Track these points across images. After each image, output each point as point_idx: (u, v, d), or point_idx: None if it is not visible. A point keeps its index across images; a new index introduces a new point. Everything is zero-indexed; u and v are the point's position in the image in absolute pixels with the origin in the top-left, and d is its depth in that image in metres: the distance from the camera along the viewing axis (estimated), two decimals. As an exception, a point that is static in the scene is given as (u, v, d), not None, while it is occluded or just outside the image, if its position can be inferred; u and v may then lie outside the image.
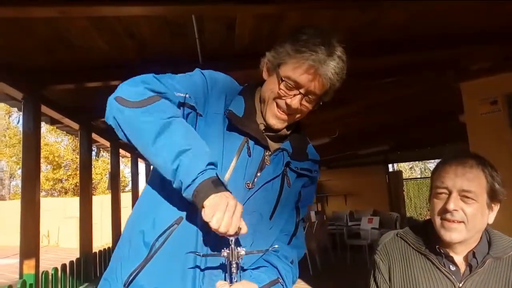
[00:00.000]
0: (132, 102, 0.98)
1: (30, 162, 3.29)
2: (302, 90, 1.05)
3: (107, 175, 12.29)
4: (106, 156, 21.63)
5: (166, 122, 0.95)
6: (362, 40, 3.26)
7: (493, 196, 1.15)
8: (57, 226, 14.99)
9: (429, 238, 1.23)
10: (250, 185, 1.06)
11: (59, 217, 14.89)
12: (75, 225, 13.40)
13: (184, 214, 1.02)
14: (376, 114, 6.24)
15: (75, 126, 4.58)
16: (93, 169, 13.69)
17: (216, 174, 0.93)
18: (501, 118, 3.83)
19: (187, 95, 1.04)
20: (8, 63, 2.99)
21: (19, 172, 23.37)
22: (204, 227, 0.97)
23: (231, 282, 0.95)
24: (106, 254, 4.19)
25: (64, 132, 5.46)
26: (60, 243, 15.09)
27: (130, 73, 3.64)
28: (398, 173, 13.02)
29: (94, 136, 5.03)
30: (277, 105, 1.08)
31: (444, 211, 1.14)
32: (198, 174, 0.91)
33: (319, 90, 1.06)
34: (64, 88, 3.52)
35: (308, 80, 1.03)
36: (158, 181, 1.08)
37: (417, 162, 24.21)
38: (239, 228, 0.93)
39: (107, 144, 5.88)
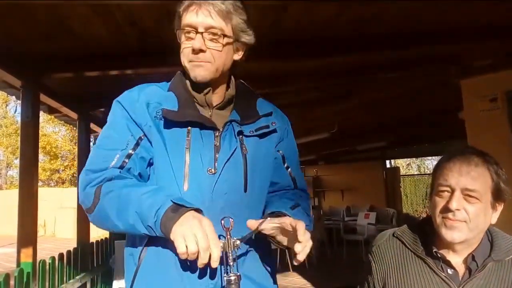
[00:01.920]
0: (89, 209, 1.05)
1: (28, 151, 3.27)
2: (199, 29, 1.05)
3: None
4: (103, 147, 21.54)
5: (116, 195, 1.00)
6: (363, 34, 3.25)
7: (497, 196, 1.11)
8: (53, 216, 14.99)
9: (427, 239, 1.19)
10: (212, 170, 1.06)
11: (55, 207, 14.89)
12: (71, 215, 13.39)
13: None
14: (375, 110, 6.24)
15: (74, 115, 4.56)
16: (90, 160, 13.60)
17: (171, 200, 0.95)
18: (501, 115, 3.84)
19: (129, 137, 1.07)
20: (7, 50, 2.96)
21: (16, 162, 23.35)
22: None
23: (228, 273, 0.93)
24: (103, 245, 4.18)
25: (62, 121, 5.43)
26: (56, 233, 15.11)
27: (130, 62, 3.60)
28: (396, 169, 13.07)
29: (93, 126, 5.00)
30: (191, 59, 1.07)
31: (446, 210, 1.09)
32: (157, 211, 0.94)
33: (216, 22, 1.05)
34: (63, 76, 3.49)
35: (197, 16, 1.04)
36: None
37: (414, 158, 24.28)
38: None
39: (105, 134, 5.86)
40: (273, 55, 3.27)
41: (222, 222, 0.98)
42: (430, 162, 25.40)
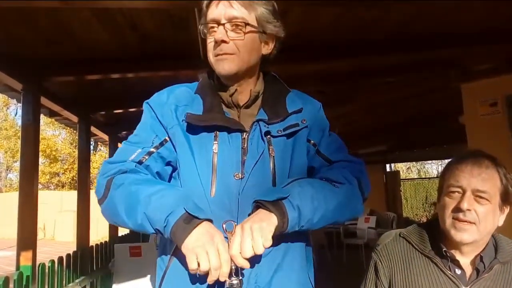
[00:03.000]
0: (100, 199, 1.03)
1: (28, 154, 3.27)
2: (221, 21, 1.03)
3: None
4: (103, 150, 21.59)
5: (126, 190, 0.98)
6: (364, 38, 3.26)
7: (505, 198, 1.13)
8: (53, 220, 14.96)
9: (434, 240, 1.20)
10: (239, 175, 1.02)
11: (55, 211, 14.88)
12: (71, 218, 13.38)
13: None
14: (375, 114, 6.26)
15: (74, 118, 4.56)
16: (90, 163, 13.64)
17: (184, 208, 0.91)
18: (501, 120, 3.85)
19: (154, 137, 1.07)
20: (9, 53, 2.97)
21: (15, 164, 23.34)
22: None
23: (230, 277, 0.90)
24: (103, 248, 4.17)
25: (63, 124, 5.44)
26: (56, 236, 15.07)
27: (131, 66, 3.61)
28: (396, 173, 13.08)
29: (93, 129, 5.01)
30: (214, 50, 1.05)
31: (456, 210, 1.11)
32: (167, 217, 0.91)
33: (238, 12, 1.02)
34: (64, 80, 3.50)
35: (220, 10, 1.03)
36: None
37: (414, 162, 24.27)
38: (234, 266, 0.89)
39: (106, 137, 5.86)
40: (274, 60, 3.28)
41: (224, 226, 0.94)
42: (430, 166, 25.42)
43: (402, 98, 5.33)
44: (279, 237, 0.96)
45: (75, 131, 5.44)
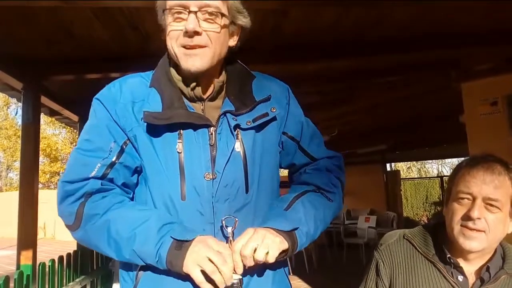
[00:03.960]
0: (70, 226, 0.95)
1: (29, 153, 3.27)
2: (192, 9, 0.90)
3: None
4: (103, 150, 21.57)
5: (104, 225, 0.90)
6: (363, 38, 3.26)
7: None
8: (53, 219, 14.95)
9: (439, 244, 1.16)
10: (210, 175, 0.94)
11: (55, 210, 14.69)
12: (71, 218, 13.37)
13: None
14: (375, 113, 6.25)
15: (75, 118, 4.56)
16: (90, 163, 13.60)
17: (171, 237, 0.87)
18: (501, 119, 3.84)
19: (112, 144, 0.96)
20: (9, 52, 2.97)
21: (15, 164, 23.36)
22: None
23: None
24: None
25: (63, 124, 5.43)
26: (56, 235, 15.09)
27: (131, 65, 3.62)
28: (396, 172, 13.07)
29: (93, 128, 5.01)
30: (183, 46, 0.92)
31: (466, 218, 1.06)
32: (157, 251, 0.87)
33: (212, 2, 0.91)
34: (64, 79, 3.50)
35: None
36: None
37: (414, 162, 24.27)
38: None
39: (106, 137, 5.87)
40: (274, 60, 3.29)
41: (223, 222, 0.92)
42: (431, 166, 25.41)
43: (402, 97, 5.33)
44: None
45: (75, 130, 5.43)
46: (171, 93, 0.97)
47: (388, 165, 12.18)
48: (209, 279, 0.85)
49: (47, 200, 14.00)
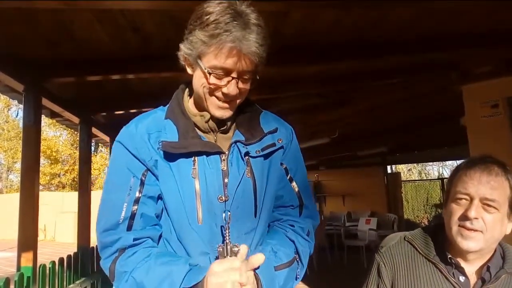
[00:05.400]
0: (109, 277, 1.04)
1: (30, 155, 3.27)
2: (233, 74, 0.97)
3: (106, 171, 12.25)
4: (104, 152, 21.61)
5: (133, 283, 0.97)
6: (365, 40, 3.26)
7: None
8: (53, 221, 14.97)
9: (439, 245, 1.18)
10: (223, 198, 1.02)
11: (56, 212, 14.89)
12: (72, 220, 13.38)
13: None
14: (376, 115, 6.25)
15: (75, 119, 4.56)
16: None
17: (191, 278, 0.92)
18: (502, 121, 3.85)
19: (132, 180, 1.02)
20: (10, 54, 2.97)
21: (16, 165, 23.38)
22: None
23: None
24: (104, 249, 4.18)
25: (64, 126, 5.44)
26: (56, 237, 15.08)
27: (132, 67, 3.61)
28: (397, 174, 13.07)
29: (94, 130, 5.01)
30: (216, 97, 1.00)
31: (463, 218, 1.08)
32: None
33: (250, 67, 0.97)
34: (65, 81, 3.50)
35: (235, 63, 0.94)
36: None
37: (415, 164, 24.25)
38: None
39: (107, 138, 5.86)
40: (274, 61, 3.28)
41: (223, 215, 1.00)
42: (432, 168, 25.38)
43: (403, 99, 5.33)
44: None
45: (76, 132, 5.43)
46: (186, 124, 1.05)
47: (388, 167, 12.19)
48: None
49: (48, 202, 14.03)
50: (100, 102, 4.39)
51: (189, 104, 1.10)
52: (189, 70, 1.05)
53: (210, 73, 0.97)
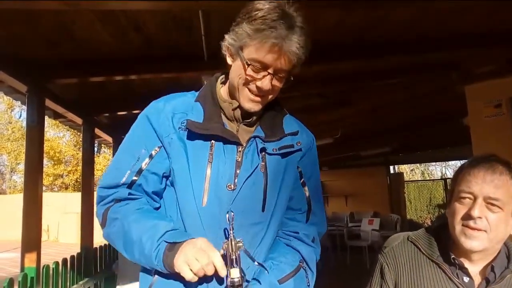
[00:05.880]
0: (100, 225, 1.10)
1: (33, 155, 3.28)
2: (270, 70, 1.02)
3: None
4: (107, 152, 21.65)
5: (121, 228, 1.04)
6: (365, 40, 3.26)
7: None
8: (56, 221, 15.01)
9: (443, 245, 1.17)
10: (232, 186, 1.05)
11: (59, 212, 14.92)
12: (74, 220, 13.41)
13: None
14: (378, 116, 6.24)
15: (79, 120, 4.57)
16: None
17: (165, 241, 0.98)
18: (505, 121, 3.84)
19: (142, 151, 1.08)
20: (13, 55, 2.98)
21: (19, 166, 23.45)
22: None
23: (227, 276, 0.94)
24: (107, 250, 4.18)
25: (67, 126, 5.45)
26: (59, 238, 15.12)
27: (135, 67, 3.61)
28: (399, 175, 13.03)
29: (97, 131, 5.02)
30: (249, 90, 1.05)
31: (467, 217, 1.07)
32: (156, 256, 0.98)
33: (287, 66, 1.02)
34: (68, 81, 3.51)
35: (274, 59, 1.00)
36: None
37: (418, 164, 24.18)
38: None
39: (110, 139, 5.87)
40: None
41: (227, 215, 1.01)
42: (434, 168, 25.31)
43: (405, 100, 5.32)
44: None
45: (79, 133, 5.44)
46: (213, 109, 1.10)
47: (391, 167, 12.15)
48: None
49: (51, 203, 14.06)
50: (102, 103, 4.40)
51: (221, 90, 1.15)
52: (228, 60, 1.09)
53: (248, 65, 1.01)
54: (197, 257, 0.92)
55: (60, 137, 23.23)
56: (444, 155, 11.12)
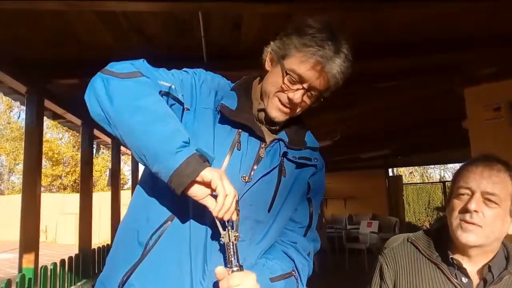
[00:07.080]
0: (119, 74, 1.01)
1: (31, 156, 3.28)
2: (305, 85, 1.03)
3: (107, 172, 12.27)
4: (105, 153, 21.64)
5: (148, 91, 0.97)
6: (367, 42, 3.26)
7: None
8: (55, 222, 14.98)
9: (442, 246, 1.17)
10: (246, 178, 1.04)
11: (57, 213, 14.90)
12: (73, 221, 13.40)
13: (176, 211, 1.01)
14: (378, 118, 6.24)
15: (78, 121, 4.57)
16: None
17: (197, 150, 0.91)
18: (504, 124, 3.83)
19: (172, 86, 1.04)
20: (13, 56, 2.98)
21: (18, 167, 23.41)
22: (197, 225, 0.99)
23: (226, 266, 0.93)
24: (105, 251, 4.17)
25: (66, 127, 5.45)
26: (57, 239, 15.09)
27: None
28: (398, 177, 13.04)
29: (96, 132, 5.02)
30: (279, 99, 1.06)
31: (464, 211, 1.08)
32: (180, 145, 0.89)
33: (323, 86, 1.04)
34: (68, 82, 3.51)
35: (313, 76, 1.01)
36: (149, 181, 1.07)
37: (417, 167, 24.19)
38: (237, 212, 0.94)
39: (108, 140, 5.88)
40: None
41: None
42: (433, 171, 25.32)
43: (404, 102, 5.32)
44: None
45: (77, 134, 5.44)
46: (246, 101, 1.11)
47: (390, 170, 12.15)
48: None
49: (49, 204, 14.03)
50: (102, 104, 4.39)
51: (256, 91, 1.15)
52: (266, 65, 1.11)
53: (287, 74, 1.02)
54: (224, 183, 0.89)
55: (59, 138, 23.22)
56: (443, 158, 11.14)
